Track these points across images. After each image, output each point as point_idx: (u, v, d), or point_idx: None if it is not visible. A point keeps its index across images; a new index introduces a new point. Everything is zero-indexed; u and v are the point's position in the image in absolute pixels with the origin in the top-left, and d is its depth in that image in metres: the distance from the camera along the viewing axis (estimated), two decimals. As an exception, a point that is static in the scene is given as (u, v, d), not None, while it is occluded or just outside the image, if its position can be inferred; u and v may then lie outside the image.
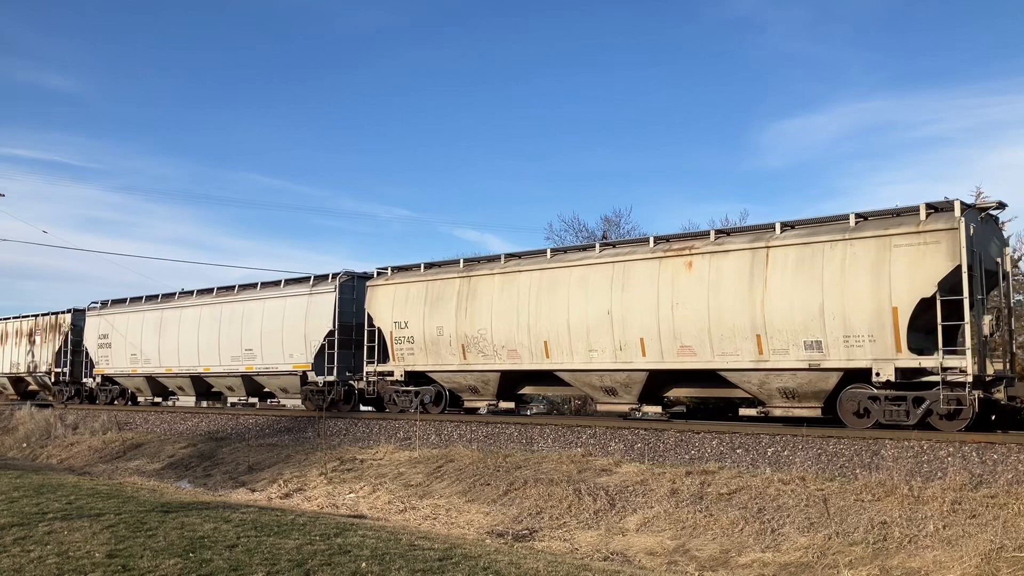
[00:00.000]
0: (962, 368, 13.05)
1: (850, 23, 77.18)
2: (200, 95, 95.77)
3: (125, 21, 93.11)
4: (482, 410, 20.62)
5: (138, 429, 24.80)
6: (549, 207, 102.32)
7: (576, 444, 15.76)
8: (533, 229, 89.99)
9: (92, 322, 30.40)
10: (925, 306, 13.40)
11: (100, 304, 30.44)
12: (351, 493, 15.31)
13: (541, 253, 18.84)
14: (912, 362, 13.43)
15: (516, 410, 20.53)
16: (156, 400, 29.02)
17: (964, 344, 13.35)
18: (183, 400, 28.33)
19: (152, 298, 28.47)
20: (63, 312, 32.46)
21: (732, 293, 15.11)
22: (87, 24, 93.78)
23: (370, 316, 21.22)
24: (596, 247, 17.68)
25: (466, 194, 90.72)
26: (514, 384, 19.26)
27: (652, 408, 17.35)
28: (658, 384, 16.83)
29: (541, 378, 18.75)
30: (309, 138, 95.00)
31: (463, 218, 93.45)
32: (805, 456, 13.13)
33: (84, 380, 31.17)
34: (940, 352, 13.29)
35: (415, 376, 20.46)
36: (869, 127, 74.09)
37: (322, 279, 22.95)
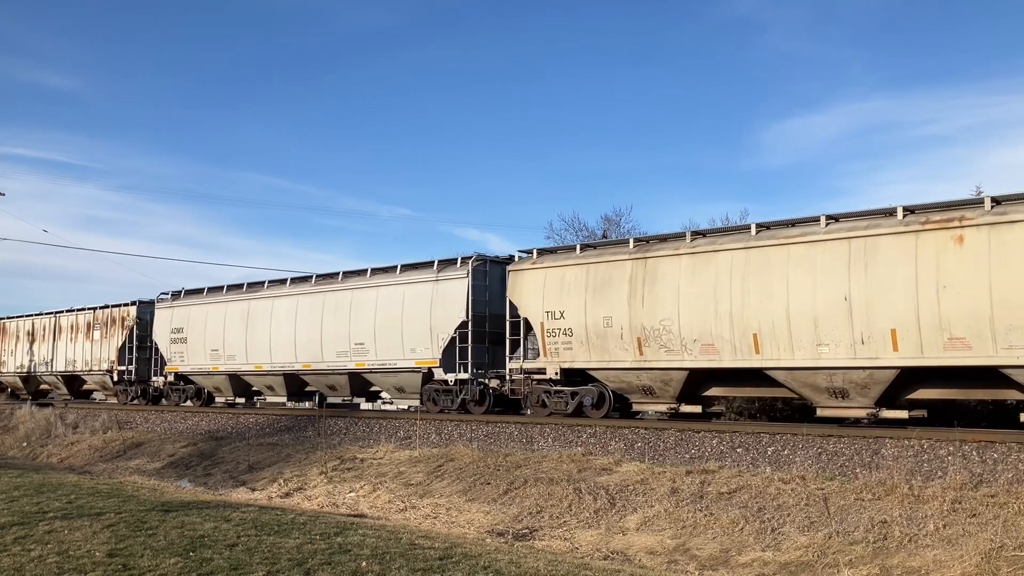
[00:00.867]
0: None
1: (850, 23, 77.18)
2: (200, 95, 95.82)
3: (125, 21, 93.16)
4: (649, 414, 18.38)
5: (138, 428, 24.80)
6: (549, 207, 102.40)
7: (576, 443, 15.76)
8: (533, 228, 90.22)
9: (163, 315, 27.50)
10: None
11: (171, 295, 27.63)
12: (351, 492, 15.31)
13: (742, 229, 16.19)
14: None
15: (703, 415, 17.22)
16: (238, 401, 26.29)
17: None
18: (272, 400, 25.42)
19: (236, 288, 25.71)
20: (126, 304, 29.69)
21: None
22: (87, 24, 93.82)
23: (513, 305, 18.70)
24: (821, 220, 14.89)
25: (466, 194, 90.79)
26: (699, 384, 16.60)
27: (894, 413, 14.58)
28: (904, 384, 14.27)
29: (736, 377, 16.09)
30: (309, 138, 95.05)
31: (463, 218, 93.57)
32: (805, 455, 13.13)
33: (153, 379, 28.66)
34: None
35: (570, 374, 17.82)
36: (869, 127, 74.12)
37: (449, 263, 20.30)
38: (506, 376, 18.98)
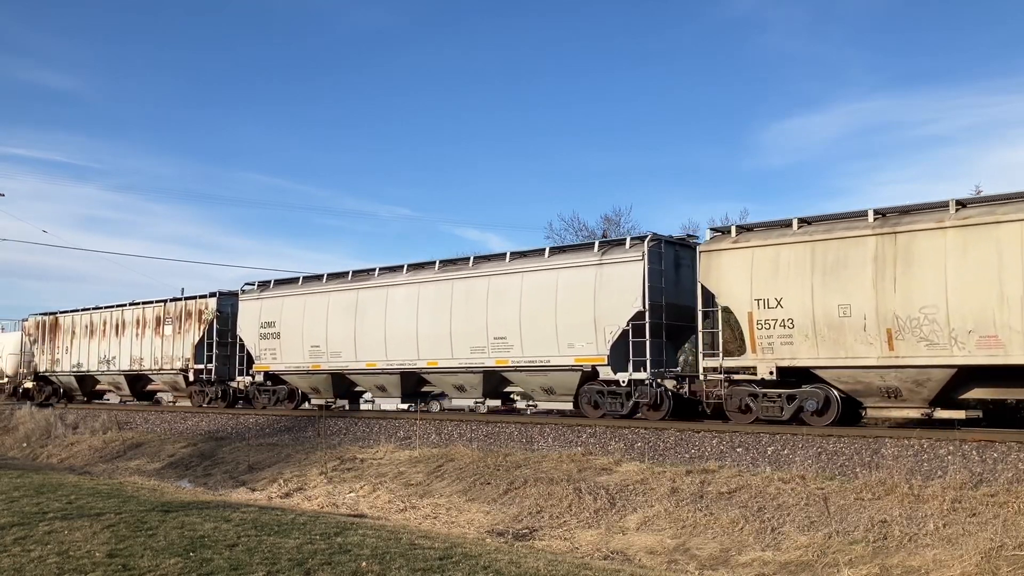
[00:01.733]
0: None
1: (850, 23, 77.20)
2: (200, 95, 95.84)
3: (126, 21, 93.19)
4: (883, 423, 15.63)
5: (138, 429, 24.80)
6: (549, 206, 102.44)
7: (576, 443, 15.75)
8: (533, 228, 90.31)
9: (249, 307, 24.41)
10: None
11: (258, 285, 24.76)
12: (351, 492, 15.31)
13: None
14: None
15: (964, 419, 14.21)
16: (339, 403, 23.16)
17: None
18: (383, 403, 22.95)
19: (338, 276, 22.67)
20: (203, 296, 26.65)
21: None
22: (87, 24, 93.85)
23: (708, 292, 16.04)
24: None
25: (466, 194, 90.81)
26: (958, 385, 13.95)
27: None
28: None
29: (1013, 376, 13.41)
30: (309, 138, 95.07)
31: (463, 218, 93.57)
32: (805, 455, 13.12)
33: (237, 379, 25.37)
34: None
35: (786, 374, 15.13)
36: (869, 126, 74.15)
37: (614, 244, 17.75)
38: (696, 376, 16.50)
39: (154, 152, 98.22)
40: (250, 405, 25.21)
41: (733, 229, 16.22)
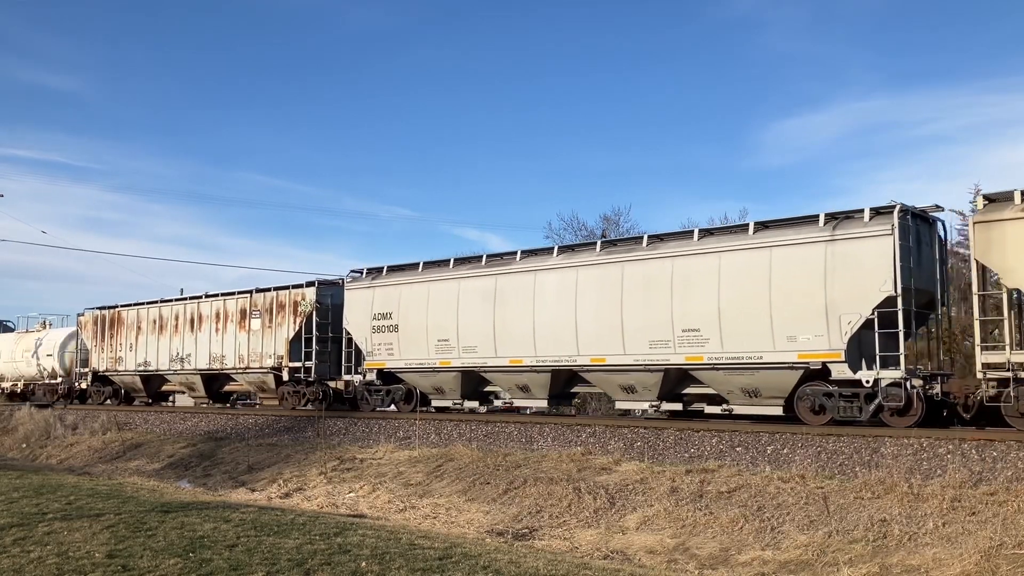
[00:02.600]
0: None
1: (850, 23, 77.23)
2: (200, 95, 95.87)
3: (126, 21, 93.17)
4: None
5: (138, 429, 24.80)
6: (549, 206, 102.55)
7: (576, 443, 15.75)
8: (533, 228, 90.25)
9: (358, 297, 21.61)
10: None
11: (366, 273, 21.99)
12: (351, 492, 15.31)
13: None
14: None
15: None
16: (468, 406, 20.14)
17: None
18: (523, 404, 19.83)
19: (468, 261, 20.03)
20: (298, 286, 23.57)
21: None
22: (88, 24, 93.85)
23: (986, 271, 13.41)
24: None
25: (466, 194, 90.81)
26: None
27: None
28: None
29: None
30: (310, 138, 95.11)
31: (463, 217, 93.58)
32: (805, 454, 13.13)
33: (344, 377, 22.33)
34: None
35: None
36: (869, 126, 74.21)
37: (847, 217, 14.63)
38: (947, 375, 14.41)
39: (154, 152, 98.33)
40: (355, 407, 22.34)
41: (1018, 194, 12.89)
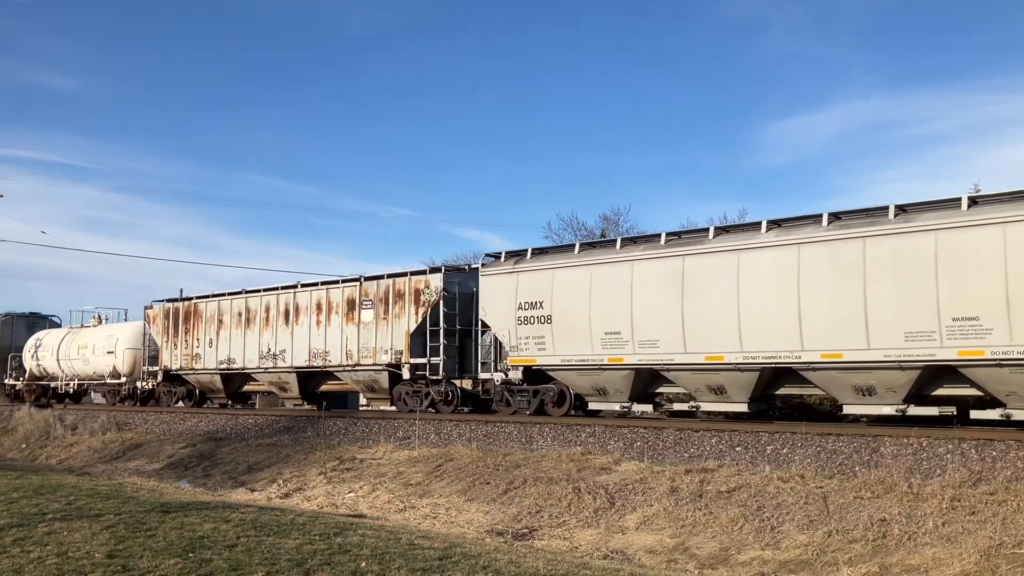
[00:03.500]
0: None
1: (850, 23, 77.27)
2: (201, 95, 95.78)
3: (126, 21, 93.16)
4: None
5: (137, 429, 24.80)
6: (549, 206, 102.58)
7: (575, 443, 15.75)
8: (533, 228, 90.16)
9: (499, 283, 18.85)
10: None
11: (505, 256, 19.20)
12: (351, 492, 15.31)
13: None
14: None
15: None
16: (638, 409, 17.71)
17: None
18: (712, 409, 16.74)
19: (643, 240, 17.48)
20: (419, 273, 20.88)
21: None
22: (88, 25, 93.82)
23: None
24: None
25: (466, 194, 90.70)
26: None
27: None
28: None
29: None
30: (309, 138, 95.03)
31: (463, 218, 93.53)
32: (804, 454, 13.13)
33: (482, 375, 19.66)
34: None
35: None
36: (869, 125, 74.21)
37: None
38: None
39: (154, 153, 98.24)
40: (483, 410, 20.37)
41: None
